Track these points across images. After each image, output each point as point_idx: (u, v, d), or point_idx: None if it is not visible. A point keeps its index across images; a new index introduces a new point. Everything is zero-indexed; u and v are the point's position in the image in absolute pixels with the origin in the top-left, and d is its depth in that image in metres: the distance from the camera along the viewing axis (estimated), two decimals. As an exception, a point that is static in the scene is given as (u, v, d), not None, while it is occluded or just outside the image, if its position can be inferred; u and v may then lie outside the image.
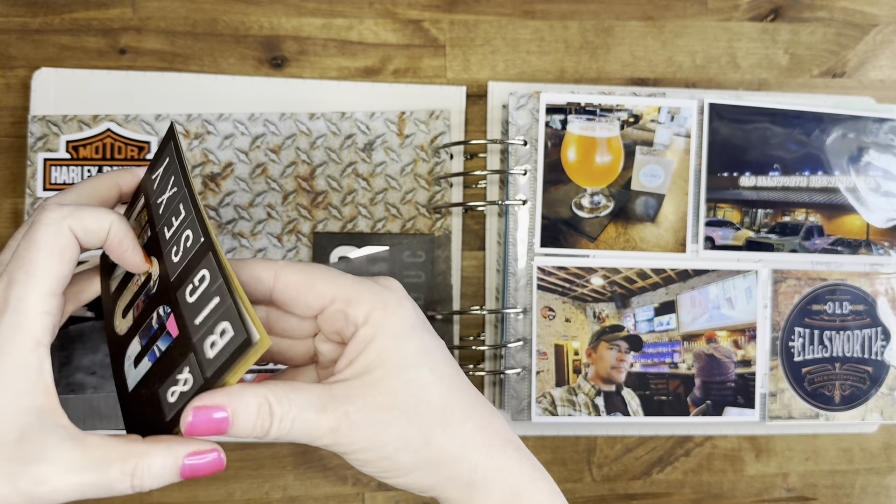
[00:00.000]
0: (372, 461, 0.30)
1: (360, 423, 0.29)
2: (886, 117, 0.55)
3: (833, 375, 0.54)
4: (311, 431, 0.29)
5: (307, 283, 0.31)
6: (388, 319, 0.30)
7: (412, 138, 0.52)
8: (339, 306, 0.31)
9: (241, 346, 0.26)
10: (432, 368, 0.31)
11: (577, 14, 0.55)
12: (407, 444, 0.30)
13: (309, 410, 0.29)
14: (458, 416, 0.31)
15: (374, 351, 0.30)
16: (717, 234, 0.53)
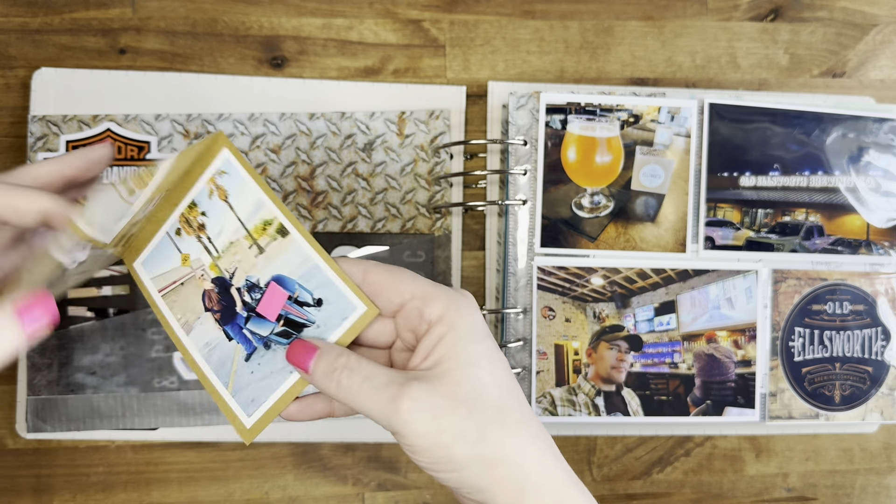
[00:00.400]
0: (428, 448, 0.32)
1: (422, 402, 0.32)
2: (886, 117, 0.55)
3: (833, 375, 0.54)
4: (373, 394, 0.32)
5: (393, 280, 0.35)
6: (460, 320, 0.33)
7: (412, 138, 0.52)
8: (418, 304, 0.34)
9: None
10: (493, 371, 0.33)
11: (577, 14, 0.55)
12: (464, 434, 0.32)
13: (380, 375, 0.33)
14: (514, 418, 0.33)
15: (444, 346, 0.33)
16: (718, 233, 0.53)
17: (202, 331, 0.38)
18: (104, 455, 0.50)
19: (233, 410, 0.37)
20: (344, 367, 0.33)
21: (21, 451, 0.50)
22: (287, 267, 0.37)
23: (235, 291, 0.37)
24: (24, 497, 0.50)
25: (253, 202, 0.37)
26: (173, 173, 0.36)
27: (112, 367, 0.49)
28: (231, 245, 0.37)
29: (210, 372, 0.37)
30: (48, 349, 0.49)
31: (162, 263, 0.38)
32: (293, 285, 0.37)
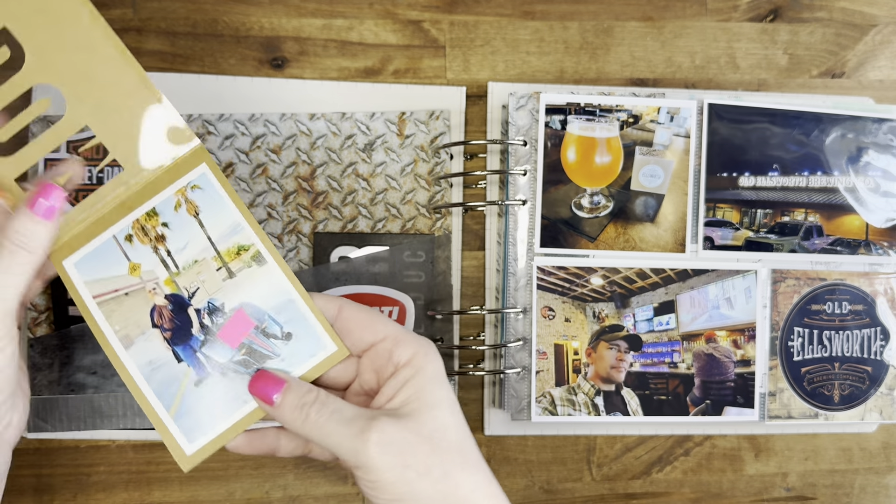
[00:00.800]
0: (392, 483, 0.33)
1: (390, 436, 0.33)
2: (885, 117, 0.55)
3: (832, 375, 0.54)
4: (342, 428, 0.33)
5: (367, 320, 0.36)
6: (427, 365, 0.35)
7: (412, 138, 0.52)
8: (388, 345, 0.35)
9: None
10: (454, 414, 0.35)
11: (577, 15, 0.55)
12: (428, 471, 0.33)
13: (348, 409, 0.34)
14: (472, 460, 0.35)
15: (411, 388, 0.35)
16: (717, 234, 0.53)
17: (145, 347, 0.36)
18: (105, 455, 0.51)
19: (172, 435, 0.35)
20: (314, 402, 0.34)
21: (22, 450, 0.50)
22: (258, 296, 0.36)
23: (194, 312, 0.36)
24: (24, 497, 0.50)
25: (229, 224, 0.36)
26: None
27: (113, 367, 0.49)
28: (196, 263, 0.36)
29: (150, 392, 0.35)
30: (49, 349, 0.49)
31: (102, 268, 0.36)
32: (263, 315, 0.36)
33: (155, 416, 0.35)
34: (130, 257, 0.36)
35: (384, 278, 0.51)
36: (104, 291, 0.36)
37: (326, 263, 0.51)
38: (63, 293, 0.50)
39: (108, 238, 0.36)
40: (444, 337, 0.52)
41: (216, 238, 0.36)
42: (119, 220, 0.36)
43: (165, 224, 0.36)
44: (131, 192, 0.36)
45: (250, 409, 0.35)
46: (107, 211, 0.36)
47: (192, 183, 0.36)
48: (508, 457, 0.53)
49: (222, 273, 0.36)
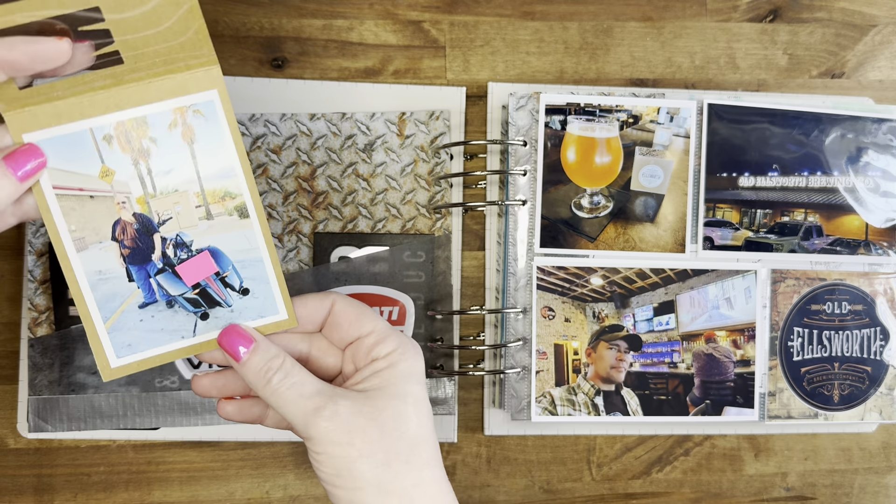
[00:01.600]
0: (334, 458, 0.34)
1: (342, 415, 0.34)
2: (885, 118, 0.55)
3: (832, 375, 0.55)
4: (300, 400, 0.34)
5: (357, 315, 0.37)
6: (402, 362, 0.36)
7: (412, 139, 0.52)
8: (371, 341, 0.37)
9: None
10: (417, 411, 0.36)
11: (577, 15, 0.55)
12: (372, 454, 0.34)
13: (310, 384, 0.34)
14: (423, 457, 0.35)
15: (379, 378, 0.36)
16: (717, 234, 0.53)
17: (99, 257, 0.34)
18: (105, 455, 0.51)
19: (101, 345, 0.35)
20: (279, 369, 0.34)
21: (22, 450, 0.50)
22: (229, 245, 0.35)
23: (159, 239, 0.35)
24: (25, 497, 0.50)
25: (223, 166, 0.34)
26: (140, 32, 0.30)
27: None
28: (175, 192, 0.33)
29: (92, 301, 0.34)
30: (49, 349, 0.49)
31: (70, 159, 0.32)
32: (227, 264, 0.35)
33: (90, 325, 0.35)
34: (105, 160, 0.32)
35: (384, 278, 0.51)
36: (67, 185, 0.33)
37: (326, 263, 0.51)
38: (64, 293, 0.50)
39: (84, 129, 0.32)
40: (444, 337, 0.52)
41: (205, 175, 0.34)
42: (101, 115, 0.32)
43: (153, 140, 0.33)
44: (124, 87, 0.32)
45: (181, 346, 0.35)
46: (86, 96, 0.32)
47: (196, 107, 0.33)
48: (508, 457, 0.53)
49: (200, 212, 0.34)
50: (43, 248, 0.50)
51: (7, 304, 0.51)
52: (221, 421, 0.50)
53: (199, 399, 0.50)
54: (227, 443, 0.51)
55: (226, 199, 0.34)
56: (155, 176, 0.33)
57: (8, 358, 0.51)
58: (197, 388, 0.38)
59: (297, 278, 0.51)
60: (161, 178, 0.33)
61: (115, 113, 0.32)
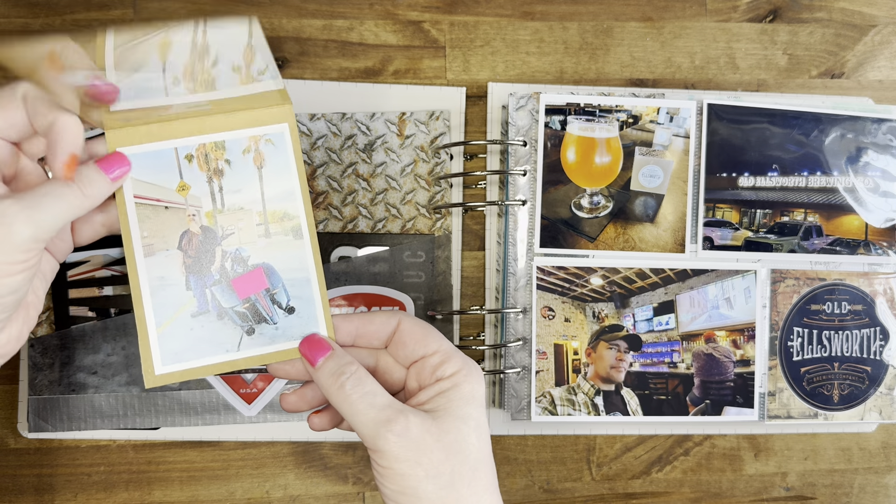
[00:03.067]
0: (400, 476, 0.34)
1: (412, 432, 0.34)
2: (885, 118, 0.55)
3: (832, 375, 0.55)
4: (370, 410, 0.35)
5: (423, 335, 0.38)
6: (465, 383, 0.37)
7: (412, 139, 0.52)
8: (436, 360, 0.37)
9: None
10: (479, 435, 0.36)
11: (577, 15, 0.55)
12: (437, 476, 0.34)
13: (382, 396, 0.35)
14: (482, 482, 0.36)
15: (443, 399, 0.36)
16: (716, 234, 0.53)
17: (164, 263, 0.37)
18: (105, 454, 0.51)
19: (150, 350, 0.36)
20: (352, 375, 0.36)
21: (22, 450, 0.50)
22: (281, 263, 0.37)
23: (220, 252, 0.37)
24: (25, 496, 0.50)
25: (285, 189, 0.37)
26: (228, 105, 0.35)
27: (113, 367, 0.49)
28: (240, 210, 0.37)
29: (149, 304, 0.36)
30: (49, 349, 0.49)
31: (153, 173, 0.36)
32: (278, 282, 0.37)
33: (143, 328, 0.36)
34: (184, 176, 0.36)
35: (384, 278, 0.52)
36: (146, 196, 0.36)
37: (327, 263, 0.51)
38: (64, 293, 0.50)
39: (170, 148, 0.36)
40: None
41: (268, 196, 0.37)
42: (186, 137, 0.37)
43: (228, 161, 0.37)
44: (208, 116, 0.37)
45: (227, 359, 0.37)
46: (177, 122, 0.37)
47: (269, 136, 0.37)
48: (508, 457, 0.53)
49: (260, 230, 0.37)
50: (43, 248, 0.50)
51: (7, 304, 0.51)
52: (222, 420, 0.50)
53: (200, 399, 0.50)
54: (227, 443, 0.51)
55: (284, 219, 0.37)
56: (225, 193, 0.37)
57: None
58: (285, 405, 0.39)
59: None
60: (230, 195, 0.37)
61: (198, 136, 0.37)
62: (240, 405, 0.50)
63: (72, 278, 0.50)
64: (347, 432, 0.51)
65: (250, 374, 0.50)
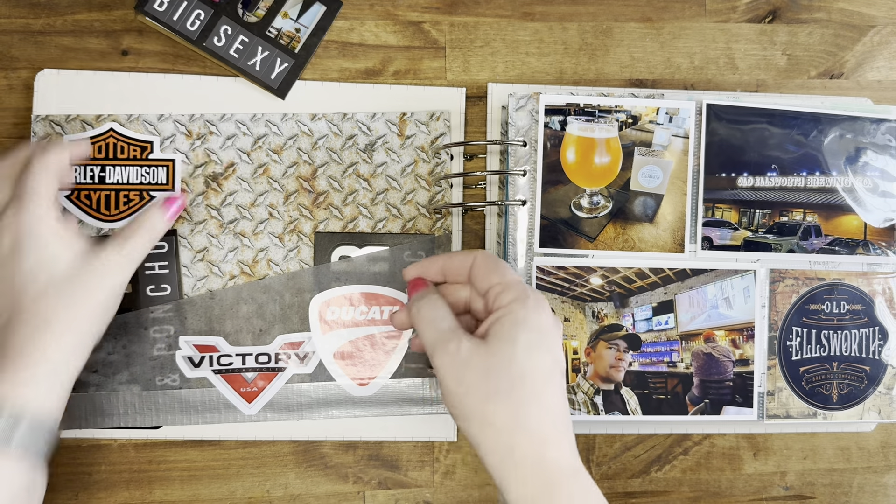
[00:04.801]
0: (450, 393, 0.39)
1: (461, 353, 0.39)
2: (884, 118, 0.55)
3: (831, 374, 0.55)
4: (432, 332, 0.41)
5: (490, 269, 0.43)
6: (519, 309, 0.40)
7: (413, 139, 0.52)
8: (499, 290, 0.42)
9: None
10: (528, 354, 0.39)
11: (576, 16, 0.55)
12: (475, 391, 0.39)
13: (447, 321, 0.42)
14: (522, 392, 0.39)
15: (498, 325, 0.40)
16: (715, 234, 0.53)
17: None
18: (106, 454, 0.51)
19: None
20: (425, 300, 0.43)
21: (24, 449, 0.50)
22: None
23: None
24: (26, 495, 0.50)
25: None
26: None
27: (114, 366, 0.50)
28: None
29: None
30: (51, 348, 0.49)
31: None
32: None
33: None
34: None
35: (384, 278, 0.52)
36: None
37: (327, 263, 0.51)
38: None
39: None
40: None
41: None
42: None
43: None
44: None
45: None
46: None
47: None
48: (508, 456, 0.53)
49: None
50: (44, 248, 0.50)
51: (9, 303, 0.51)
52: (222, 419, 0.50)
53: (200, 398, 0.50)
54: (228, 442, 0.51)
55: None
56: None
57: (9, 357, 0.51)
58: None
59: (298, 278, 0.51)
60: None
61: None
62: (240, 404, 0.50)
63: (73, 278, 0.50)
64: (345, 434, 0.51)
65: (250, 373, 0.50)
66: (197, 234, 0.51)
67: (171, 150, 0.51)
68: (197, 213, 0.51)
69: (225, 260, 0.51)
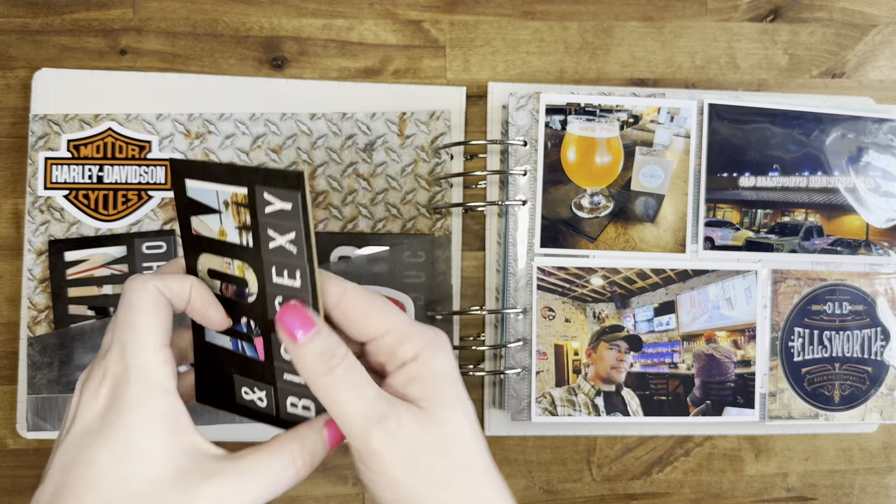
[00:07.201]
0: (397, 484, 0.31)
1: (406, 430, 0.30)
2: (886, 117, 0.55)
3: (832, 375, 0.54)
4: (364, 403, 0.30)
5: (368, 311, 0.32)
6: (435, 361, 0.32)
7: (413, 139, 0.52)
8: (390, 341, 0.32)
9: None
10: (469, 418, 0.32)
11: (577, 15, 0.55)
12: (435, 478, 0.31)
13: (370, 387, 0.30)
14: (481, 475, 0.32)
15: (420, 386, 0.32)
16: (717, 234, 0.53)
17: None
18: (105, 455, 0.50)
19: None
20: (343, 360, 0.30)
21: (22, 451, 0.50)
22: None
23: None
24: (24, 497, 0.50)
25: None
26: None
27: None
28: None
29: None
30: (48, 348, 0.49)
31: (203, 210, 0.33)
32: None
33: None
34: (222, 221, 0.33)
35: (384, 278, 0.51)
36: (196, 230, 0.33)
37: (326, 263, 0.51)
38: (63, 292, 0.50)
39: (213, 191, 0.32)
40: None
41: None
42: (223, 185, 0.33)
43: (255, 220, 0.33)
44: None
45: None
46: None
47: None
48: (508, 457, 0.53)
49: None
50: (42, 247, 0.50)
51: (6, 304, 0.51)
52: (221, 420, 0.50)
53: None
54: (227, 443, 0.51)
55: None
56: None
57: (7, 358, 0.50)
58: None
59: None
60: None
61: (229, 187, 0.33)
62: (239, 405, 0.50)
63: (71, 277, 0.50)
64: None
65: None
66: (195, 235, 0.51)
67: (170, 149, 0.51)
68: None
69: (224, 260, 0.51)
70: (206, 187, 0.32)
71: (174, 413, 0.30)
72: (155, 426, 0.29)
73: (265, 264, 0.32)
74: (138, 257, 0.50)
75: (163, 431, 0.29)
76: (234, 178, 0.31)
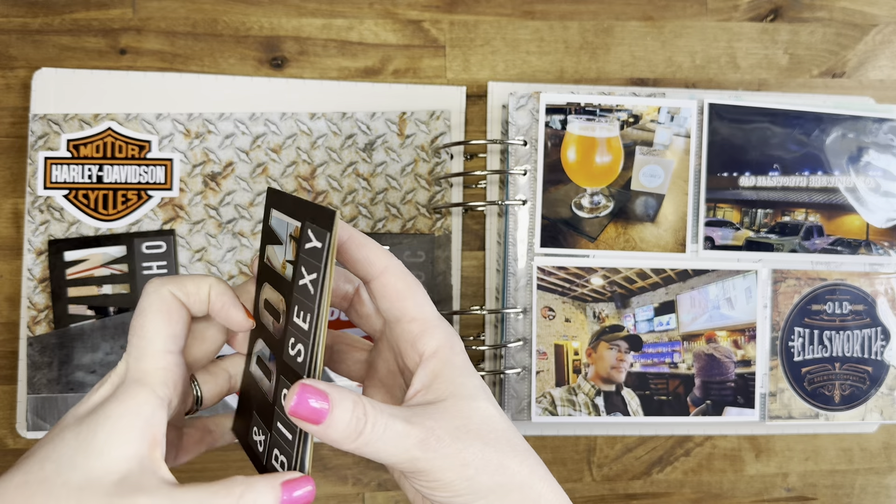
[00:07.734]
0: (453, 482, 0.31)
1: (445, 439, 0.31)
2: (886, 117, 0.55)
3: (833, 375, 0.54)
4: (400, 440, 0.30)
5: (404, 294, 0.33)
6: (455, 357, 0.33)
7: (413, 138, 0.52)
8: (415, 329, 0.33)
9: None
10: (491, 402, 0.33)
11: (577, 14, 0.55)
12: (486, 465, 0.31)
13: (398, 420, 0.30)
14: (521, 447, 0.33)
15: (444, 382, 0.32)
16: (717, 234, 0.53)
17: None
18: (104, 455, 0.50)
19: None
20: (365, 416, 0.30)
21: (21, 451, 0.50)
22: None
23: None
24: (24, 497, 0.50)
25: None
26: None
27: (112, 366, 0.49)
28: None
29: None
30: (48, 347, 0.49)
31: (275, 241, 0.33)
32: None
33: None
34: (287, 254, 0.32)
35: (384, 278, 0.51)
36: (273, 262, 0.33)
37: (326, 263, 0.51)
38: (63, 292, 0.49)
39: (285, 222, 0.33)
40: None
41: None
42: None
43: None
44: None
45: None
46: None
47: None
48: (508, 457, 0.53)
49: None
50: (42, 247, 0.50)
51: (6, 304, 0.51)
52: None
53: (199, 399, 0.49)
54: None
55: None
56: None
57: (7, 358, 0.50)
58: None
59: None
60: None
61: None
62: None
63: (71, 276, 0.50)
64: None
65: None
66: (195, 234, 0.51)
67: (170, 149, 0.51)
68: (195, 213, 0.51)
69: (223, 260, 0.51)
70: (282, 219, 0.33)
71: (150, 422, 0.30)
72: (123, 426, 0.29)
73: (293, 301, 0.32)
74: (138, 257, 0.50)
75: (129, 434, 0.29)
76: (297, 211, 0.31)
